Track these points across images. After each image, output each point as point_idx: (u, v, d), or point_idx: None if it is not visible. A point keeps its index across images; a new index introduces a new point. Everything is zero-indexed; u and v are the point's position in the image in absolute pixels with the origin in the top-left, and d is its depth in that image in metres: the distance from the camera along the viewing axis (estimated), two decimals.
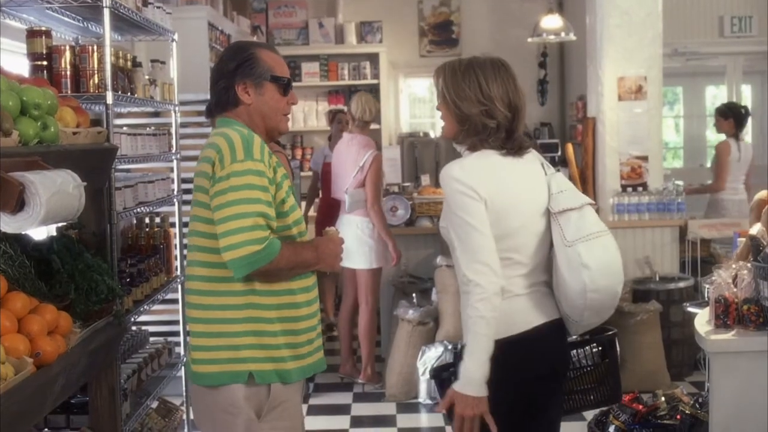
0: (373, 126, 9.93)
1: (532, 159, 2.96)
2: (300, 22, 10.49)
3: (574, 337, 3.08)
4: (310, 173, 10.32)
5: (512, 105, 2.86)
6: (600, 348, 3.16)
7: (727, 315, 3.30)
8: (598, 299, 2.84)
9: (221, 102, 2.87)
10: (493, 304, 2.69)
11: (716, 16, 9.70)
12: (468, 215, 2.74)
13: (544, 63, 10.73)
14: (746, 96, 10.62)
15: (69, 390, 3.08)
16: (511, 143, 2.88)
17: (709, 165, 11.37)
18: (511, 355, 2.77)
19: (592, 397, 3.21)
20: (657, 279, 6.62)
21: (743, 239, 3.82)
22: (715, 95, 11.21)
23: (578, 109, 9.87)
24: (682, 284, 6.53)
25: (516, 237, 2.83)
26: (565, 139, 10.81)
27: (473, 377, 2.69)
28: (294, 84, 9.07)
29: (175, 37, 4.82)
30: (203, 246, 2.78)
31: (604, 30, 6.93)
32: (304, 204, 8.50)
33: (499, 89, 2.85)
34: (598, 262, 2.81)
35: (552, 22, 8.61)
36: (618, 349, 3.20)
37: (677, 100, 11.23)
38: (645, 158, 6.94)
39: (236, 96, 2.84)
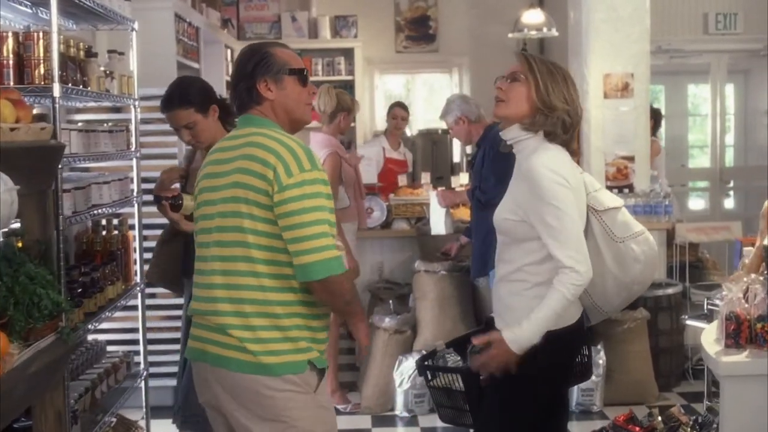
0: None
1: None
2: (272, 15, 10.17)
3: None
4: None
5: (578, 113, 3.12)
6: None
7: (738, 334, 2.99)
8: (639, 290, 3.19)
9: (244, 103, 2.94)
10: (579, 292, 2.94)
11: (701, 13, 9.45)
12: (563, 204, 2.91)
13: None
14: (729, 95, 10.39)
15: (5, 419, 2.72)
16: (571, 145, 3.12)
17: (690, 165, 11.23)
18: (563, 346, 3.04)
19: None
20: None
21: (749, 248, 3.52)
22: (695, 94, 10.99)
23: None
24: (670, 290, 6.25)
25: None
26: None
27: (529, 339, 2.91)
28: None
29: (135, 26, 4.47)
30: (257, 244, 2.80)
31: (589, 25, 6.65)
32: None
33: (575, 94, 3.12)
34: (647, 257, 3.10)
35: (533, 17, 8.33)
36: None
37: (656, 100, 10.98)
38: (631, 158, 6.67)
39: (259, 94, 2.90)
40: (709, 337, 3.19)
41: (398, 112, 8.08)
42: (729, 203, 10.49)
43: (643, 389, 5.94)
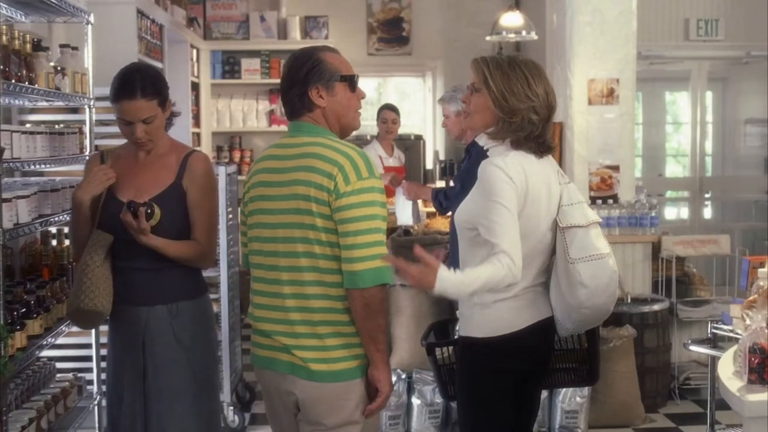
0: None
1: (552, 165, 3.08)
2: (240, 15, 9.82)
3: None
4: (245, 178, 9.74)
5: (550, 105, 3.02)
6: (579, 334, 3.29)
7: (763, 368, 2.66)
8: (591, 315, 3.04)
9: (296, 109, 2.93)
10: (509, 278, 2.80)
11: (682, 19, 9.20)
12: (507, 201, 2.85)
13: None
14: (708, 104, 10.16)
15: None
16: (543, 143, 3.00)
17: (668, 174, 10.99)
18: (499, 352, 2.98)
19: (573, 376, 3.39)
20: (629, 300, 6.02)
21: (763, 270, 3.21)
22: (673, 101, 10.77)
23: None
24: (656, 307, 5.95)
25: (526, 241, 2.91)
26: None
27: (450, 289, 2.76)
28: (233, 81, 8.46)
29: (91, 18, 4.10)
30: (323, 254, 2.82)
31: (573, 28, 6.35)
32: None
33: (542, 88, 2.99)
34: (597, 283, 2.96)
35: (512, 19, 8.01)
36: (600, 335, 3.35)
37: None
38: (616, 168, 6.38)
39: (311, 101, 2.90)
40: (726, 369, 2.87)
41: (388, 114, 7.54)
42: (707, 213, 10.27)
43: (629, 411, 5.65)
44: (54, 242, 3.97)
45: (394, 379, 5.18)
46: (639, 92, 10.24)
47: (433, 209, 6.63)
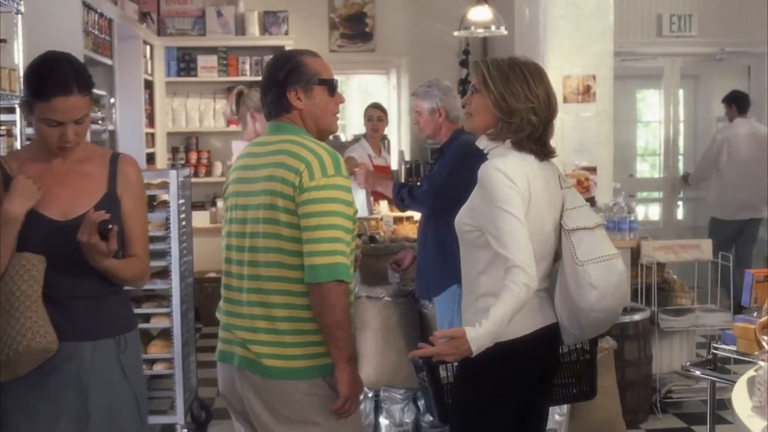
0: None
1: (553, 169, 3.08)
2: (196, 9, 9.44)
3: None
4: (207, 180, 9.38)
5: (551, 107, 3.02)
6: (582, 345, 3.25)
7: None
8: (601, 318, 3.01)
9: (275, 109, 3.00)
10: (529, 294, 2.80)
11: (655, 14, 8.92)
12: (512, 208, 2.84)
13: (465, 61, 9.81)
14: (680, 102, 9.90)
15: None
16: (544, 146, 3.01)
17: (639, 174, 10.73)
18: (504, 358, 2.91)
19: (574, 391, 3.31)
20: None
21: None
22: (643, 98, 10.51)
23: None
24: (637, 317, 5.63)
25: (531, 244, 2.88)
26: None
27: (486, 338, 2.75)
28: (189, 79, 7.98)
29: (21, 7, 3.68)
30: (286, 249, 2.85)
31: (548, 22, 6.03)
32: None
33: (543, 89, 2.99)
34: (607, 284, 2.95)
35: (480, 14, 7.64)
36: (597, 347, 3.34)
37: None
38: (593, 170, 6.06)
39: (289, 102, 2.97)
40: (742, 403, 2.52)
41: (374, 112, 7.25)
42: (680, 214, 10.02)
43: (610, 428, 5.29)
44: None
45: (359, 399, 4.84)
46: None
47: (401, 214, 6.30)
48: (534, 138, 2.98)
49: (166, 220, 5.26)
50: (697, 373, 3.30)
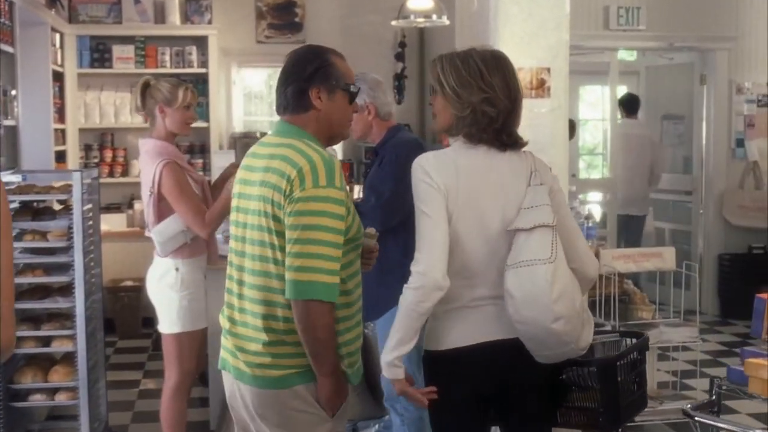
0: (200, 123, 8.52)
1: (521, 163, 2.92)
2: None
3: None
4: (123, 180, 8.72)
5: (512, 95, 2.91)
6: (596, 370, 3.05)
7: None
8: (529, 331, 2.81)
9: (289, 105, 2.90)
10: (421, 295, 2.75)
11: (601, 6, 8.47)
12: (424, 204, 2.79)
13: (402, 54, 9.30)
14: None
15: None
16: (507, 136, 2.88)
17: (582, 176, 10.32)
18: (436, 370, 2.89)
19: (585, 419, 3.13)
20: None
21: None
22: (587, 94, 10.14)
23: None
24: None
25: (467, 243, 2.83)
26: (427, 144, 9.44)
27: (383, 361, 2.83)
28: (103, 71, 7.21)
29: None
30: (272, 258, 2.79)
31: (498, 9, 5.46)
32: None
33: (500, 78, 2.89)
34: (522, 293, 2.77)
35: (421, 2, 7.09)
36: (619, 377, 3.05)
37: None
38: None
39: (309, 101, 2.87)
40: None
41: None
42: None
43: None
44: None
45: None
46: None
47: None
48: (494, 129, 2.85)
49: (69, 229, 4.61)
50: (705, 421, 2.75)
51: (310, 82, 2.87)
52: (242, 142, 8.43)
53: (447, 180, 2.80)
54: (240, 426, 2.99)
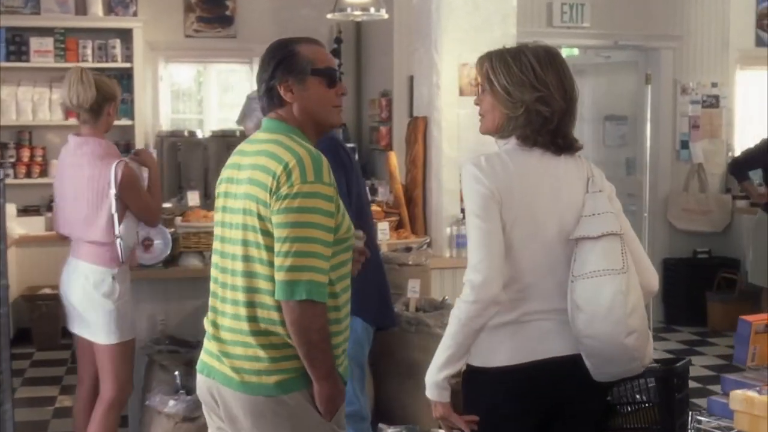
0: (124, 121, 8.09)
1: (577, 167, 2.78)
2: None
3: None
4: (41, 181, 8.25)
5: (567, 95, 2.73)
6: (646, 385, 2.83)
7: None
8: (598, 347, 2.64)
9: (267, 104, 2.88)
10: (477, 309, 2.61)
11: (545, 2, 8.22)
12: (476, 207, 2.65)
13: (338, 50, 8.94)
14: None
15: None
16: (563, 138, 2.74)
17: None
18: (481, 390, 2.74)
19: None
20: None
21: None
22: None
23: (381, 108, 8.30)
24: None
25: (521, 253, 2.67)
26: (363, 144, 9.11)
27: (428, 380, 2.71)
28: (20, 65, 6.77)
29: None
30: (258, 258, 2.72)
31: (441, 1, 5.17)
32: None
33: (554, 76, 2.72)
34: (592, 306, 2.61)
35: None
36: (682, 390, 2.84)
37: None
38: None
39: (279, 96, 2.83)
40: None
41: None
42: None
43: None
44: None
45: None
46: None
47: None
48: (549, 130, 2.70)
49: None
50: (705, 420, 2.47)
51: (274, 77, 2.82)
52: (169, 142, 8.04)
53: (501, 185, 2.66)
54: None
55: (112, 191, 4.21)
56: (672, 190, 8.65)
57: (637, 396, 2.82)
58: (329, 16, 6.93)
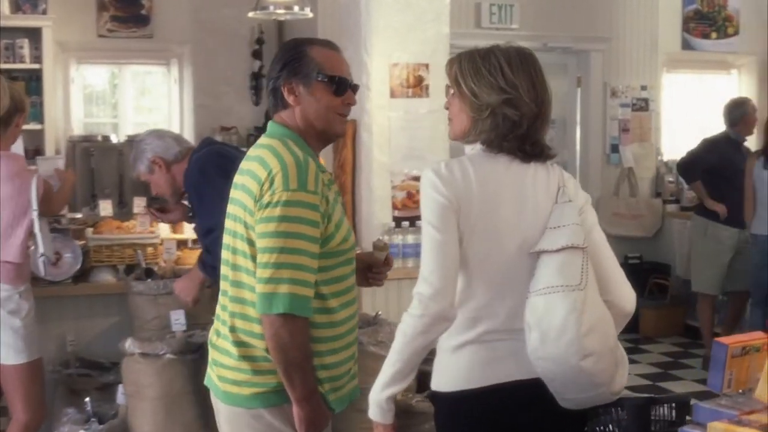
0: (33, 125, 7.64)
1: (549, 177, 2.60)
2: None
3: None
4: None
5: (538, 98, 2.58)
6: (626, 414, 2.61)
7: None
8: (552, 370, 2.46)
9: (272, 105, 2.83)
10: (424, 324, 2.43)
11: (473, 3, 8.04)
12: (430, 216, 2.49)
13: (259, 52, 8.63)
14: None
15: None
16: (531, 145, 2.56)
17: None
18: (442, 414, 2.60)
19: None
20: None
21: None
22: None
23: None
24: None
25: (480, 267, 2.51)
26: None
27: (371, 399, 2.53)
28: None
29: None
30: (244, 267, 2.66)
31: None
32: None
33: (525, 78, 2.57)
34: (546, 324, 2.43)
35: None
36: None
37: None
38: None
39: (282, 97, 2.77)
40: None
41: None
42: None
43: None
44: None
45: None
46: None
47: (186, 236, 5.09)
48: (517, 135, 2.53)
49: None
50: None
51: (279, 77, 2.76)
52: (81, 147, 7.61)
53: (460, 193, 2.50)
54: None
55: (35, 211, 4.00)
56: (602, 194, 8.53)
57: (610, 427, 2.62)
58: (250, 15, 6.61)
